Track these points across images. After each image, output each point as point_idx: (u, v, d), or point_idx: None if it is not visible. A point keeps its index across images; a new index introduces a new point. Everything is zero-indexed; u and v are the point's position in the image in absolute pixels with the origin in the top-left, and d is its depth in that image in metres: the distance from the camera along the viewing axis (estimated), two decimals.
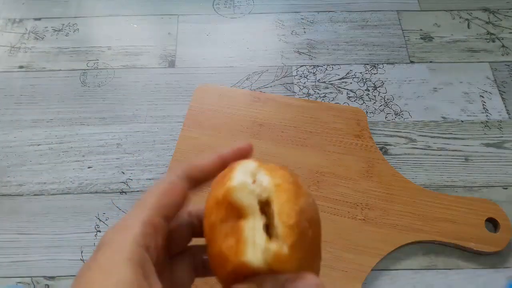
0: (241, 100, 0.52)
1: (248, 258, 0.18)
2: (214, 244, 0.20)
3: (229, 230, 0.19)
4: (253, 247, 0.19)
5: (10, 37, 0.60)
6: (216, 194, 0.21)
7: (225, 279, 0.20)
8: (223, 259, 0.19)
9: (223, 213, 0.20)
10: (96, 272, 0.19)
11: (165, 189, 0.23)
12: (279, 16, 0.62)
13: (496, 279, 0.42)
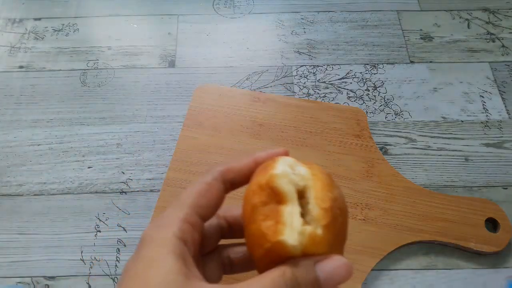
0: (241, 100, 0.52)
1: (285, 238, 0.20)
2: (254, 224, 0.21)
3: (269, 212, 0.21)
4: (290, 228, 0.20)
5: (10, 37, 0.60)
6: (259, 180, 0.22)
7: (261, 258, 0.21)
8: (261, 238, 0.21)
9: (264, 197, 0.22)
10: (143, 265, 0.21)
11: (202, 189, 0.24)
12: (279, 16, 0.62)
13: (496, 279, 0.42)
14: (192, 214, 0.23)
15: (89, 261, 0.43)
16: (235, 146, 0.49)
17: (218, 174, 0.24)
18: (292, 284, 0.20)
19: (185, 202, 0.23)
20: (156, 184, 0.48)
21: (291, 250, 0.20)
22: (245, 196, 0.23)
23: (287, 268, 0.20)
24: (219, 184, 0.24)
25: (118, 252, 0.44)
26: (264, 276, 0.20)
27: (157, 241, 0.21)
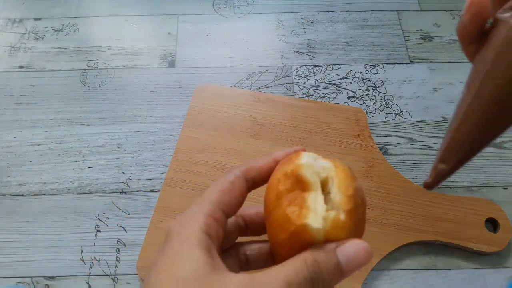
0: (241, 100, 0.52)
1: (309, 221, 0.21)
2: (278, 209, 0.22)
3: (293, 199, 0.22)
4: (314, 213, 0.21)
5: (10, 37, 0.60)
6: (285, 169, 0.23)
7: (283, 243, 0.22)
8: (286, 221, 0.22)
9: (289, 185, 0.23)
10: (171, 258, 0.22)
11: (225, 187, 0.24)
12: (279, 16, 0.62)
13: (496, 279, 0.42)
14: (216, 210, 0.24)
15: (89, 261, 0.43)
16: (235, 146, 0.49)
17: (240, 172, 0.25)
18: (314, 269, 0.21)
19: (209, 199, 0.24)
20: (156, 184, 0.48)
21: (314, 233, 0.21)
22: (269, 185, 0.24)
23: (308, 254, 0.21)
24: (241, 182, 0.25)
25: (118, 252, 0.44)
26: (286, 263, 0.21)
27: (184, 235, 0.22)
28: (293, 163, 0.24)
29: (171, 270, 0.21)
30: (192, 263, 0.21)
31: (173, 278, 0.21)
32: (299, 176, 0.23)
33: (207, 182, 0.46)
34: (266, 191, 0.25)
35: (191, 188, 0.46)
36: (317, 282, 0.21)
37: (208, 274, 0.21)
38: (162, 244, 0.23)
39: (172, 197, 0.45)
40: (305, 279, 0.20)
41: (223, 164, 0.47)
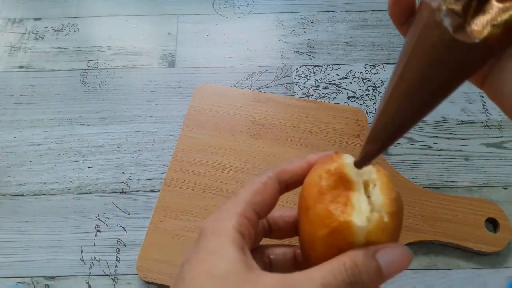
0: (241, 100, 0.52)
1: (353, 218, 0.21)
2: (320, 205, 0.22)
3: (337, 196, 0.22)
4: (359, 212, 0.21)
5: (10, 37, 0.60)
6: (328, 167, 0.23)
7: (321, 240, 0.22)
8: (328, 217, 0.21)
9: (332, 182, 0.22)
10: (205, 255, 0.22)
11: (258, 188, 0.24)
12: (279, 16, 0.62)
13: (496, 279, 0.42)
14: (248, 210, 0.24)
15: (89, 261, 0.43)
16: (235, 146, 0.49)
17: (273, 174, 0.25)
18: (353, 272, 0.20)
19: (242, 199, 0.24)
20: (156, 184, 0.48)
21: (357, 232, 0.21)
22: (308, 181, 0.24)
23: (346, 257, 0.21)
24: (274, 183, 0.25)
25: (118, 252, 0.44)
26: (323, 265, 0.21)
27: (217, 232, 0.22)
28: (336, 162, 0.23)
29: (206, 267, 0.21)
30: (226, 260, 0.21)
31: (208, 275, 0.21)
32: (344, 175, 0.22)
33: (207, 182, 0.46)
34: (303, 187, 0.24)
35: (191, 188, 0.46)
36: (356, 285, 0.20)
37: (243, 272, 0.21)
38: (195, 242, 0.23)
39: (172, 197, 0.45)
40: (343, 281, 0.20)
41: (223, 164, 0.47)
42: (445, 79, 0.20)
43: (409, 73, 0.20)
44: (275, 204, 0.26)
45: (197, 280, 0.21)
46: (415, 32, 0.21)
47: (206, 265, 0.21)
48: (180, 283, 0.22)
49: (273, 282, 0.20)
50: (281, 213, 0.28)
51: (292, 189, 0.26)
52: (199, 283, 0.21)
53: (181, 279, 0.22)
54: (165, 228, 0.43)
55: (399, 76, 0.21)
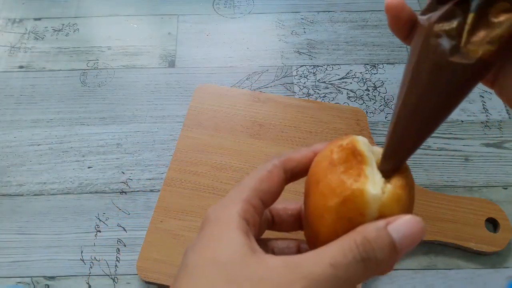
0: (241, 100, 0.52)
1: (367, 187, 0.20)
2: (332, 175, 0.22)
3: (350, 167, 0.22)
4: (373, 182, 0.21)
5: (10, 37, 0.60)
6: (339, 142, 0.23)
7: (331, 211, 0.21)
8: (340, 186, 0.21)
9: (344, 155, 0.22)
10: (210, 241, 0.21)
11: (264, 175, 0.24)
12: (279, 16, 0.62)
13: (496, 279, 0.42)
14: (254, 197, 0.23)
15: (89, 261, 0.43)
16: (235, 146, 0.49)
17: (279, 162, 0.25)
18: (365, 248, 0.19)
19: (247, 186, 0.24)
20: (156, 184, 0.48)
21: (370, 201, 0.20)
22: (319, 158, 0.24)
23: (356, 233, 0.20)
24: (279, 172, 0.24)
25: (118, 252, 0.44)
26: (331, 244, 0.20)
27: (222, 219, 0.22)
28: (347, 138, 0.23)
29: (210, 254, 0.21)
30: (231, 245, 0.21)
31: (212, 261, 0.20)
32: (356, 149, 0.22)
33: (207, 182, 0.46)
34: (313, 164, 0.24)
35: (191, 188, 0.46)
36: (369, 262, 0.19)
37: (248, 256, 0.20)
38: (200, 229, 0.23)
39: (172, 197, 0.45)
40: (354, 259, 0.19)
41: (223, 164, 0.47)
42: (447, 98, 0.20)
43: (410, 98, 0.20)
44: (280, 193, 0.25)
45: (200, 267, 0.20)
46: (413, 53, 0.20)
47: (210, 251, 0.21)
48: (183, 271, 0.21)
49: (278, 264, 0.20)
50: (284, 205, 0.27)
51: (297, 179, 0.26)
52: (203, 270, 0.20)
53: (184, 266, 0.21)
54: (165, 228, 0.43)
55: (402, 101, 0.21)
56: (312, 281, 0.19)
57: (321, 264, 0.19)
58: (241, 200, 0.23)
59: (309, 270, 0.19)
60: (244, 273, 0.20)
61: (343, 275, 0.19)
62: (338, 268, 0.19)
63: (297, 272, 0.19)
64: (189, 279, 0.21)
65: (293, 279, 0.19)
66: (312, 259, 0.19)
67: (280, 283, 0.19)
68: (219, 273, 0.20)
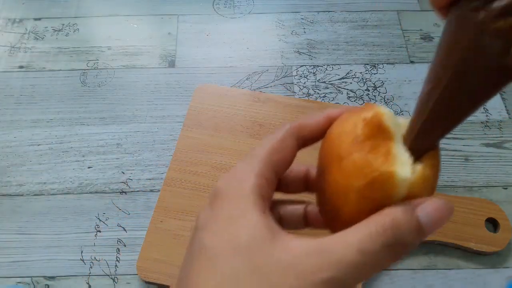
0: (241, 100, 0.52)
1: (395, 169, 0.19)
2: (357, 154, 0.20)
3: (376, 145, 0.20)
4: (401, 162, 0.20)
5: (10, 37, 0.60)
6: (363, 115, 0.21)
7: (358, 190, 0.20)
8: (367, 167, 0.20)
9: (369, 131, 0.20)
10: (226, 222, 0.20)
11: (276, 145, 0.23)
12: (279, 16, 0.62)
13: (496, 279, 0.42)
14: (266, 169, 0.22)
15: (89, 261, 0.43)
16: (235, 146, 0.49)
17: (291, 130, 0.23)
18: (394, 232, 0.18)
19: (259, 157, 0.22)
20: (156, 184, 0.48)
21: (399, 184, 0.19)
22: (339, 132, 0.22)
23: (385, 216, 0.19)
24: (292, 140, 0.23)
25: (118, 252, 0.44)
26: (358, 227, 0.19)
27: (236, 195, 0.21)
28: (372, 109, 0.21)
29: (228, 236, 0.19)
30: (250, 228, 0.19)
31: (232, 245, 0.19)
32: (382, 124, 0.20)
33: (207, 182, 0.46)
34: (332, 135, 0.22)
35: (191, 188, 0.46)
36: (397, 247, 0.18)
37: (269, 239, 0.19)
38: (209, 203, 0.21)
39: (172, 197, 0.45)
40: (383, 245, 0.18)
41: (223, 164, 0.47)
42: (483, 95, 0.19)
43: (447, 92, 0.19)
44: (292, 162, 0.24)
45: (220, 251, 0.19)
46: (456, 45, 0.18)
47: (228, 233, 0.19)
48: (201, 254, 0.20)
49: (302, 249, 0.18)
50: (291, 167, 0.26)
51: (310, 145, 0.24)
52: (224, 254, 0.19)
53: (201, 248, 0.20)
54: (165, 228, 0.43)
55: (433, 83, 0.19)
56: (341, 269, 0.18)
57: (349, 250, 0.18)
58: (255, 174, 0.21)
59: (337, 257, 0.18)
60: (268, 260, 0.18)
61: (371, 261, 0.18)
62: (367, 254, 0.18)
63: (324, 258, 0.18)
64: (209, 265, 0.19)
65: (320, 266, 0.18)
66: (340, 244, 0.18)
67: (307, 271, 0.18)
68: (242, 259, 0.19)
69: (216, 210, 0.21)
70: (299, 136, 0.24)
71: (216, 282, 0.19)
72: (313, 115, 0.24)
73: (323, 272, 0.18)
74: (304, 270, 0.18)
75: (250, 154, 0.23)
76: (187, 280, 0.20)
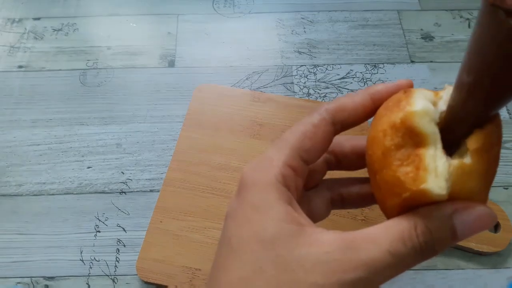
0: (241, 100, 0.52)
1: (428, 186, 0.17)
2: (387, 170, 0.19)
3: (405, 157, 0.18)
4: (434, 174, 0.18)
5: (9, 36, 0.60)
6: (392, 119, 0.19)
7: (394, 208, 0.19)
8: (398, 186, 0.18)
9: (399, 139, 0.19)
10: (251, 211, 0.19)
11: (308, 131, 0.21)
12: (279, 15, 0.62)
13: (496, 279, 0.42)
14: (295, 158, 0.20)
15: (88, 261, 0.43)
16: (235, 146, 0.49)
17: (327, 113, 0.21)
18: (426, 239, 0.18)
19: (288, 143, 0.20)
20: (156, 184, 0.48)
21: (434, 198, 0.18)
22: (372, 137, 0.20)
23: (418, 218, 0.18)
24: (327, 125, 0.21)
25: (117, 252, 0.44)
26: (391, 227, 0.18)
27: (260, 185, 0.20)
28: (402, 110, 0.19)
29: (253, 228, 0.19)
30: (275, 220, 0.19)
31: (257, 239, 0.18)
32: (412, 128, 0.18)
33: (207, 182, 0.46)
34: (369, 139, 0.20)
35: (191, 188, 0.46)
36: (427, 252, 0.18)
37: (295, 233, 0.18)
38: (237, 191, 0.20)
39: (172, 197, 0.45)
40: (414, 249, 0.17)
41: (223, 164, 0.47)
42: None
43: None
44: (327, 149, 0.22)
45: (246, 244, 0.19)
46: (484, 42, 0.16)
47: (253, 225, 0.19)
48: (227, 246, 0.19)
49: (331, 246, 0.18)
50: (353, 143, 0.24)
51: (350, 128, 0.22)
52: (249, 247, 0.18)
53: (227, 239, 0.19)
54: (165, 228, 0.43)
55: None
56: (371, 270, 0.17)
57: (380, 250, 0.17)
58: (280, 163, 0.20)
59: (368, 256, 0.17)
60: (294, 255, 0.18)
61: (400, 264, 0.18)
62: (396, 256, 0.17)
63: (354, 256, 0.17)
64: (235, 257, 0.19)
65: (350, 265, 0.17)
66: (371, 244, 0.18)
67: (334, 269, 0.17)
68: (267, 253, 0.18)
69: (241, 199, 0.20)
70: (336, 121, 0.21)
71: (241, 274, 0.18)
72: (353, 95, 0.22)
73: (351, 271, 0.17)
74: (331, 268, 0.17)
75: (281, 138, 0.21)
76: (216, 268, 0.20)
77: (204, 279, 0.41)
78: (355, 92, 0.22)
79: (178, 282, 0.41)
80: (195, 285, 0.41)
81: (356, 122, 0.22)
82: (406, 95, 0.20)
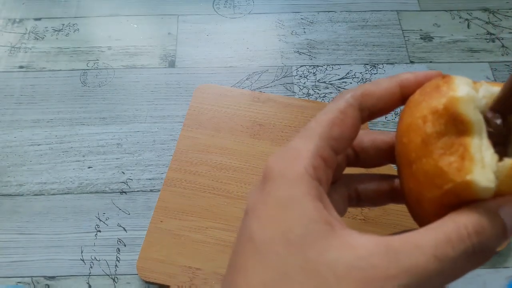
0: (241, 100, 0.52)
1: (475, 177, 0.16)
2: (427, 159, 0.17)
3: (449, 145, 0.17)
4: (481, 165, 0.16)
5: (10, 37, 0.60)
6: (434, 104, 0.18)
7: (433, 202, 0.17)
8: (440, 176, 0.17)
9: (441, 126, 0.17)
10: (277, 208, 0.17)
11: (335, 118, 0.19)
12: (279, 16, 0.62)
13: (496, 279, 0.42)
14: (325, 147, 0.19)
15: (89, 261, 0.43)
16: (235, 146, 0.49)
17: (354, 99, 0.20)
18: (479, 239, 0.16)
19: (316, 132, 0.19)
20: (156, 184, 0.48)
21: (481, 193, 0.16)
22: (408, 124, 0.19)
23: (467, 218, 0.16)
24: (355, 111, 0.20)
25: (118, 252, 0.44)
26: (434, 230, 0.16)
27: (289, 177, 0.18)
28: (445, 94, 0.17)
29: (279, 225, 0.17)
30: (303, 218, 0.17)
31: (284, 238, 0.17)
32: (457, 115, 0.17)
33: (207, 182, 0.46)
34: (403, 127, 0.19)
35: (191, 188, 0.46)
36: (481, 254, 0.16)
37: (326, 234, 0.17)
38: (260, 183, 0.19)
39: (172, 197, 0.45)
40: (465, 253, 0.16)
41: (223, 164, 0.47)
42: None
43: None
44: (355, 138, 0.20)
45: (270, 244, 0.17)
46: None
47: (278, 224, 0.17)
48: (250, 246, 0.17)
49: (368, 249, 0.16)
50: (372, 137, 0.22)
51: (377, 117, 0.21)
52: (274, 248, 0.17)
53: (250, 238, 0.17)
54: (165, 228, 0.43)
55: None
56: (414, 278, 0.15)
57: (424, 255, 0.15)
58: (310, 153, 0.18)
59: (411, 262, 0.15)
60: (324, 259, 0.16)
61: (448, 270, 0.16)
62: (444, 262, 0.15)
63: (394, 263, 0.15)
64: (259, 258, 0.17)
65: (390, 272, 0.15)
66: (412, 248, 0.16)
67: (374, 277, 0.15)
68: (295, 256, 0.16)
69: (266, 193, 0.18)
70: (363, 107, 0.20)
71: (263, 279, 0.16)
72: (378, 82, 0.20)
73: (391, 279, 0.15)
74: (369, 276, 0.15)
75: (306, 127, 0.19)
76: (235, 269, 0.18)
77: (205, 278, 0.41)
78: (381, 79, 0.20)
79: (179, 281, 0.41)
80: (195, 284, 0.41)
81: (384, 110, 0.21)
82: (445, 81, 0.18)
